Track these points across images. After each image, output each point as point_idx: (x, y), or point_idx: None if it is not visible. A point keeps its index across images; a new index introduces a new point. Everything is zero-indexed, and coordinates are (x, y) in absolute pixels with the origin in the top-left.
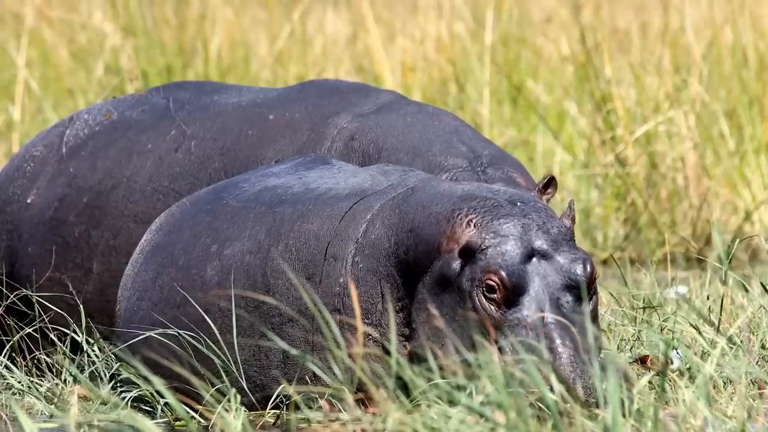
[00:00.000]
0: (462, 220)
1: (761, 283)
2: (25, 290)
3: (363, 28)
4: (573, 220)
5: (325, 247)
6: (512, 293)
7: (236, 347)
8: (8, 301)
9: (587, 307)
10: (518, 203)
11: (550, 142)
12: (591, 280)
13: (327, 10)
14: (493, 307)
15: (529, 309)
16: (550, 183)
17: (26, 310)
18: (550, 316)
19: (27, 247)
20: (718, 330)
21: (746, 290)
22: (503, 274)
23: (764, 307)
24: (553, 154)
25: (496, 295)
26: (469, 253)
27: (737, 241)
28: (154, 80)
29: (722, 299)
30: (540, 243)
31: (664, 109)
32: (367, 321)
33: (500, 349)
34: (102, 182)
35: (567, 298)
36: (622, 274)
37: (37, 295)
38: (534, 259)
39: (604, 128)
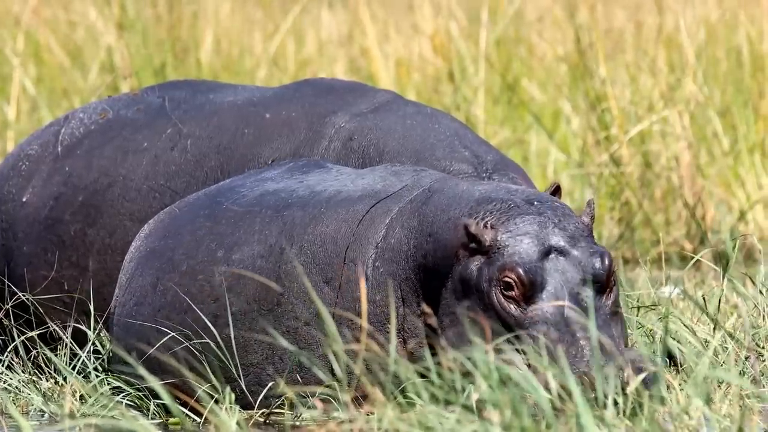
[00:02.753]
0: (479, 224)
1: (748, 276)
2: (21, 289)
3: (359, 27)
4: (592, 219)
5: (343, 250)
6: (530, 290)
7: (234, 346)
8: (9, 304)
9: (607, 300)
10: (535, 202)
11: (545, 141)
12: (609, 273)
13: (322, 8)
14: (512, 305)
15: (542, 308)
16: (556, 192)
17: (20, 312)
18: (569, 311)
19: (22, 246)
20: (714, 327)
21: (739, 291)
22: (520, 270)
23: (757, 306)
24: (548, 154)
25: (513, 293)
26: (476, 251)
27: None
28: (148, 78)
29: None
30: (557, 240)
31: (658, 109)
32: (389, 326)
33: (521, 348)
34: (97, 181)
35: (587, 293)
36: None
37: (35, 298)
38: (551, 256)
39: (599, 128)
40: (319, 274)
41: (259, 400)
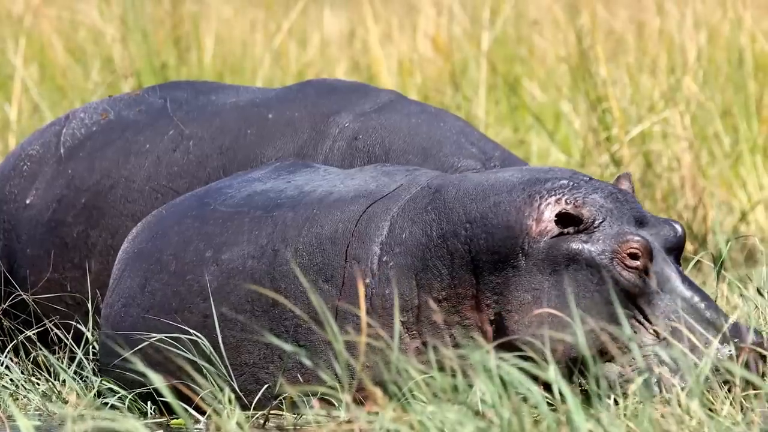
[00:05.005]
0: (545, 201)
1: (749, 278)
2: (22, 291)
3: (361, 27)
4: (632, 190)
5: (344, 250)
6: (650, 259)
7: (226, 346)
8: (7, 303)
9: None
10: (583, 177)
11: (546, 141)
12: (684, 242)
13: (324, 8)
14: (634, 276)
15: (662, 274)
16: None
17: (20, 313)
18: (680, 278)
19: (26, 248)
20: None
21: (740, 292)
22: (643, 240)
23: (758, 307)
24: (549, 154)
25: (638, 263)
26: (574, 222)
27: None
28: (149, 78)
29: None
30: (634, 212)
31: (658, 109)
32: (402, 319)
33: (646, 317)
34: (100, 183)
35: (672, 259)
36: None
37: (35, 298)
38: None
39: (599, 128)
40: (317, 275)
41: (256, 399)
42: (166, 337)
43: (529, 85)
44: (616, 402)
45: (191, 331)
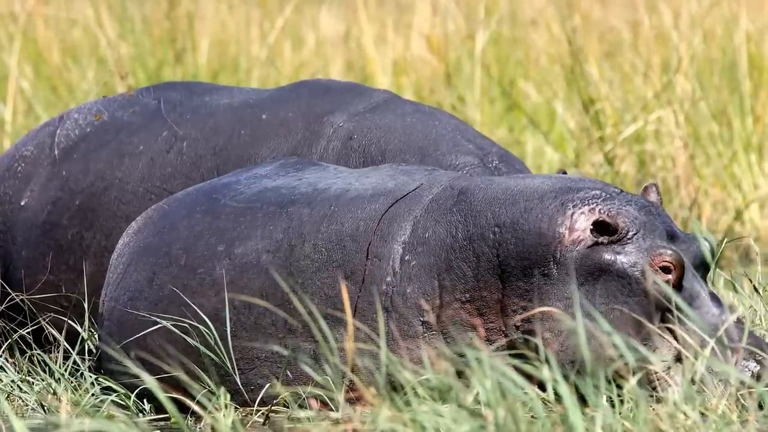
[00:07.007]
0: (579, 210)
1: (750, 280)
2: (18, 293)
3: (356, 27)
4: (660, 202)
5: (365, 247)
6: (682, 273)
7: (230, 343)
8: (4, 305)
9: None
10: (611, 188)
11: (541, 141)
12: (712, 258)
13: (320, 8)
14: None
15: (692, 289)
16: None
17: (15, 315)
18: (708, 295)
19: (21, 250)
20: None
21: (735, 290)
22: (676, 254)
23: (753, 307)
24: (543, 154)
25: (670, 276)
26: (609, 232)
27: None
28: (144, 78)
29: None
30: (665, 226)
31: (651, 108)
32: (424, 318)
33: (671, 330)
34: (94, 184)
35: (700, 275)
36: None
37: (31, 298)
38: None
39: (593, 128)
40: (336, 271)
41: (260, 395)
42: (169, 328)
43: (523, 85)
44: (612, 402)
45: (192, 323)
